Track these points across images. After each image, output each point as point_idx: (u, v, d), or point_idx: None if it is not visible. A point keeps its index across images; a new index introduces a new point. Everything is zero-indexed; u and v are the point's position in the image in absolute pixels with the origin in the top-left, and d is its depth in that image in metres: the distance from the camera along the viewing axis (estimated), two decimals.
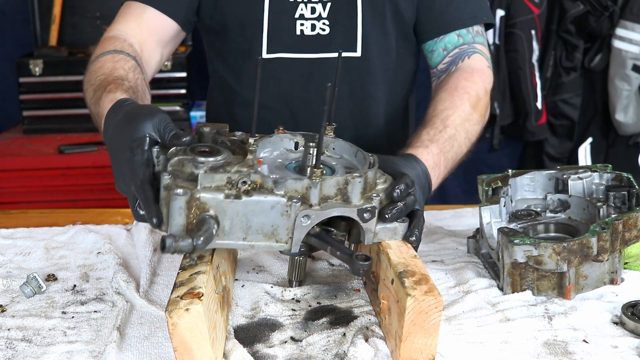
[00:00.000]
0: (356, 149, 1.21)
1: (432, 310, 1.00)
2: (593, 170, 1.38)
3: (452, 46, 1.61)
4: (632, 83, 3.09)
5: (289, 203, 1.05)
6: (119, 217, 1.60)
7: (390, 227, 1.13)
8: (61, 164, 2.91)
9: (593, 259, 1.19)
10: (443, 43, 1.62)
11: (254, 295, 1.22)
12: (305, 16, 1.60)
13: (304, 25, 1.60)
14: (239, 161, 1.10)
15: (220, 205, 1.04)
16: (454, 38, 1.62)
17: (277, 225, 1.06)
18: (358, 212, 1.08)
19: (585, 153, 3.30)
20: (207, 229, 1.02)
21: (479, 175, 1.39)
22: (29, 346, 1.09)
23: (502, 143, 3.38)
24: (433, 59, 1.65)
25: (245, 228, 1.06)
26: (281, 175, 1.10)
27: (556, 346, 1.07)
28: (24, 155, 2.93)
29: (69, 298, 1.24)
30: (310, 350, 1.07)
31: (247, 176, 1.05)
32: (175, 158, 1.09)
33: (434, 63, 1.65)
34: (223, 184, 1.05)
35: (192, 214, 1.03)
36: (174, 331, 0.95)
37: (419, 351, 1.02)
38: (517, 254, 1.17)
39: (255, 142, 1.13)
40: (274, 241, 1.07)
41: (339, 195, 1.08)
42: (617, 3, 3.09)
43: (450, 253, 1.39)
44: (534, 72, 3.19)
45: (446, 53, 1.62)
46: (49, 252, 1.42)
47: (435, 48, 1.63)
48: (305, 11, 1.60)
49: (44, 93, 3.15)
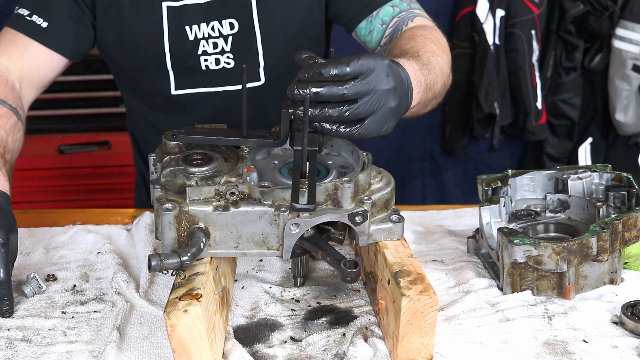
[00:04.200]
0: (352, 147, 1.21)
1: (427, 309, 1.00)
2: (593, 170, 1.38)
3: (390, 17, 1.55)
4: (632, 83, 3.08)
5: (276, 212, 1.06)
6: (119, 217, 1.60)
7: (385, 228, 1.13)
8: (61, 164, 2.92)
9: (593, 259, 1.19)
10: (379, 18, 1.56)
11: (253, 295, 1.22)
12: (208, 52, 1.60)
13: (208, 61, 1.60)
14: (230, 169, 1.11)
15: (209, 218, 1.05)
16: (389, 10, 1.56)
17: (266, 233, 1.07)
18: (349, 216, 1.08)
19: (585, 153, 3.29)
20: (194, 243, 1.03)
21: (479, 175, 1.38)
22: (28, 346, 1.09)
23: (502, 143, 3.38)
24: (373, 39, 1.58)
25: (236, 237, 1.07)
26: (271, 182, 1.11)
27: (556, 346, 1.07)
28: (24, 155, 2.91)
29: (68, 298, 1.24)
30: (310, 350, 1.07)
31: (234, 187, 1.06)
32: (168, 169, 1.11)
33: (374, 42, 1.58)
34: (211, 196, 1.06)
35: (182, 227, 1.06)
36: (172, 332, 0.95)
37: (417, 351, 1.02)
38: (517, 254, 1.17)
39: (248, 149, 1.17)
40: (265, 249, 1.08)
41: (329, 201, 1.08)
42: (617, 3, 3.08)
43: (450, 253, 1.39)
44: (534, 72, 3.18)
45: (385, 27, 1.56)
46: (49, 252, 1.42)
47: (372, 27, 1.57)
48: (208, 47, 1.59)
49: (44, 93, 3.13)
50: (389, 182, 1.15)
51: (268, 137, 1.15)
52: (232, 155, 1.17)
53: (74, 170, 2.94)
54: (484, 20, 3.11)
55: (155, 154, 1.20)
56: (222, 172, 1.11)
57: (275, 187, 1.08)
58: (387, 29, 1.56)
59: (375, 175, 1.15)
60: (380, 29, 1.57)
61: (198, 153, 1.15)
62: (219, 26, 1.59)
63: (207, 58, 1.60)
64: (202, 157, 1.15)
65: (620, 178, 1.35)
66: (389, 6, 1.57)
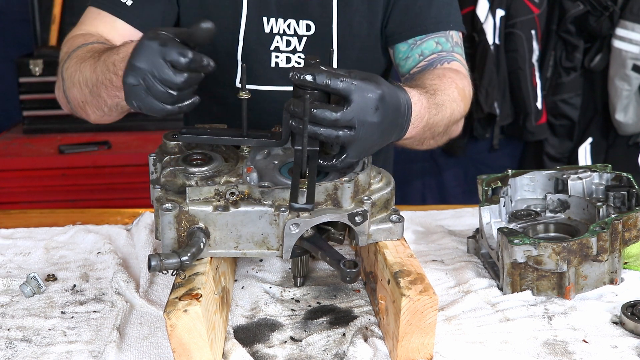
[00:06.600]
0: None
1: (427, 309, 1.00)
2: (593, 170, 1.38)
3: (430, 52, 1.56)
4: (632, 83, 3.09)
5: (276, 212, 1.06)
6: (119, 217, 1.60)
7: (385, 228, 1.13)
8: (61, 164, 2.91)
9: (593, 259, 1.19)
10: (420, 49, 1.57)
11: (253, 295, 1.22)
12: (280, 49, 1.58)
13: (279, 58, 1.58)
14: (230, 169, 1.11)
15: (209, 218, 1.05)
16: (432, 45, 1.57)
17: (266, 233, 1.07)
18: (349, 216, 1.08)
19: (585, 153, 3.30)
20: (193, 243, 1.03)
21: (479, 175, 1.38)
22: (28, 346, 1.09)
23: (502, 143, 3.38)
24: (406, 66, 1.59)
25: (236, 237, 1.07)
26: (271, 182, 1.11)
27: (556, 346, 1.07)
28: (24, 155, 2.93)
29: (68, 298, 1.24)
30: (310, 350, 1.07)
31: (234, 187, 1.06)
32: (168, 169, 1.11)
33: (406, 69, 1.59)
34: (211, 196, 1.06)
35: (182, 227, 1.06)
36: (172, 332, 0.95)
37: (417, 351, 1.02)
38: (517, 254, 1.17)
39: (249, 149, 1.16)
40: (265, 249, 1.08)
41: (329, 201, 1.08)
42: (617, 3, 3.09)
43: (450, 253, 1.39)
44: (534, 72, 3.19)
45: (422, 59, 1.57)
46: (49, 252, 1.42)
47: (410, 55, 1.58)
48: (281, 44, 1.58)
49: (44, 93, 3.15)
50: (388, 182, 1.15)
51: (268, 137, 1.15)
52: (232, 155, 1.17)
53: (74, 170, 2.93)
54: (484, 20, 3.12)
55: (155, 154, 1.20)
56: (222, 172, 1.11)
57: (275, 187, 1.08)
58: (422, 61, 1.57)
59: (375, 175, 1.15)
60: (417, 59, 1.58)
61: (198, 153, 1.15)
62: (295, 25, 1.57)
63: (279, 55, 1.58)
64: (202, 157, 1.15)
65: (620, 178, 1.35)
66: (433, 41, 1.57)
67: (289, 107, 1.09)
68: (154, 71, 1.08)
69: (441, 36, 1.58)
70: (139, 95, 1.10)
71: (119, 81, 1.23)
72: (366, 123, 1.09)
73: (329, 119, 1.07)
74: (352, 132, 1.08)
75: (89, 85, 1.34)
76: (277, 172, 1.16)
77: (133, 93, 1.11)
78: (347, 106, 1.07)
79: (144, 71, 1.08)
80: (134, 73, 1.09)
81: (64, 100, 1.47)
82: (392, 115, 1.14)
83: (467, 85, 1.53)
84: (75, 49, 1.43)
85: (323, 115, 1.07)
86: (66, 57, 1.45)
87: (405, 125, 1.21)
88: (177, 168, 1.11)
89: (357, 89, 1.07)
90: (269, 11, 1.57)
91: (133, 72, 1.09)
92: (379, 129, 1.11)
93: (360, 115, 1.08)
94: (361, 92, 1.08)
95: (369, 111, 1.09)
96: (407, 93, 1.22)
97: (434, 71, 1.51)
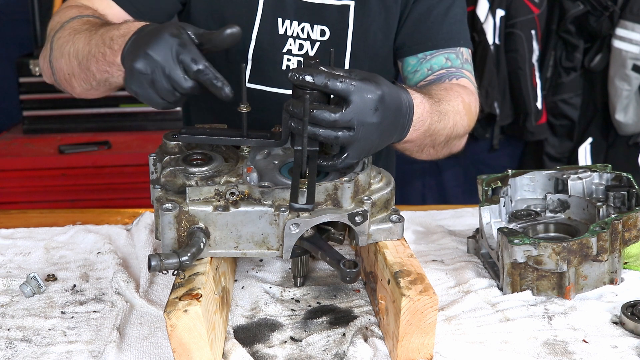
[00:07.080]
0: None
1: (427, 309, 1.00)
2: (593, 170, 1.38)
3: (439, 67, 1.56)
4: (632, 83, 3.08)
5: (276, 212, 1.06)
6: (119, 217, 1.60)
7: (385, 228, 1.13)
8: (61, 164, 2.91)
9: (593, 259, 1.19)
10: (429, 64, 1.57)
11: (253, 295, 1.22)
12: (292, 52, 1.57)
13: (290, 61, 1.57)
14: (230, 169, 1.11)
15: (209, 218, 1.05)
16: (441, 60, 1.56)
17: (266, 233, 1.07)
18: (349, 216, 1.08)
19: (585, 153, 3.29)
20: (193, 243, 1.03)
21: (479, 175, 1.38)
22: (28, 346, 1.09)
23: (502, 143, 3.38)
24: (414, 79, 1.58)
25: (236, 237, 1.07)
26: (271, 182, 1.11)
27: (556, 346, 1.07)
28: (24, 155, 2.93)
29: (68, 298, 1.24)
30: (310, 350, 1.07)
31: (234, 187, 1.06)
32: (168, 169, 1.11)
33: (413, 82, 1.58)
34: (211, 196, 1.06)
35: (182, 227, 1.06)
36: (172, 332, 0.95)
37: (417, 351, 1.02)
38: (517, 254, 1.17)
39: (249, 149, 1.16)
40: (265, 249, 1.08)
41: (329, 201, 1.08)
42: (617, 3, 3.09)
43: (450, 253, 1.39)
44: (534, 72, 3.18)
45: (430, 73, 1.56)
46: (49, 252, 1.42)
47: (419, 68, 1.57)
48: (294, 47, 1.57)
49: (44, 93, 3.14)
50: (388, 182, 1.15)
51: (268, 137, 1.15)
52: (232, 155, 1.18)
53: (74, 170, 2.93)
54: (484, 20, 3.12)
55: (156, 154, 1.20)
56: (222, 172, 1.11)
57: (275, 187, 1.08)
58: (430, 75, 1.56)
59: (375, 175, 1.15)
60: (425, 73, 1.57)
61: (198, 153, 1.15)
62: (310, 29, 1.56)
63: (290, 58, 1.57)
64: (202, 157, 1.15)
65: (620, 178, 1.35)
66: (443, 57, 1.56)
67: (289, 108, 1.09)
68: (165, 67, 1.08)
69: (451, 52, 1.57)
70: (142, 84, 1.11)
71: (112, 56, 1.22)
72: (365, 124, 1.09)
73: (328, 119, 1.07)
74: (352, 132, 1.08)
75: (78, 57, 1.31)
76: (277, 172, 1.16)
77: (137, 80, 1.11)
78: (346, 107, 1.07)
79: (156, 63, 1.08)
80: (147, 61, 1.09)
81: (49, 70, 1.43)
82: (392, 115, 1.14)
83: (473, 102, 1.51)
84: (69, 20, 1.40)
85: (322, 116, 1.07)
86: (58, 26, 1.41)
87: (406, 125, 1.21)
88: (177, 168, 1.11)
89: (356, 89, 1.07)
90: (285, 12, 1.56)
91: (146, 60, 1.09)
92: (378, 129, 1.11)
93: (359, 116, 1.08)
94: (360, 92, 1.08)
95: (368, 112, 1.09)
96: (409, 94, 1.21)
97: (442, 84, 1.50)
